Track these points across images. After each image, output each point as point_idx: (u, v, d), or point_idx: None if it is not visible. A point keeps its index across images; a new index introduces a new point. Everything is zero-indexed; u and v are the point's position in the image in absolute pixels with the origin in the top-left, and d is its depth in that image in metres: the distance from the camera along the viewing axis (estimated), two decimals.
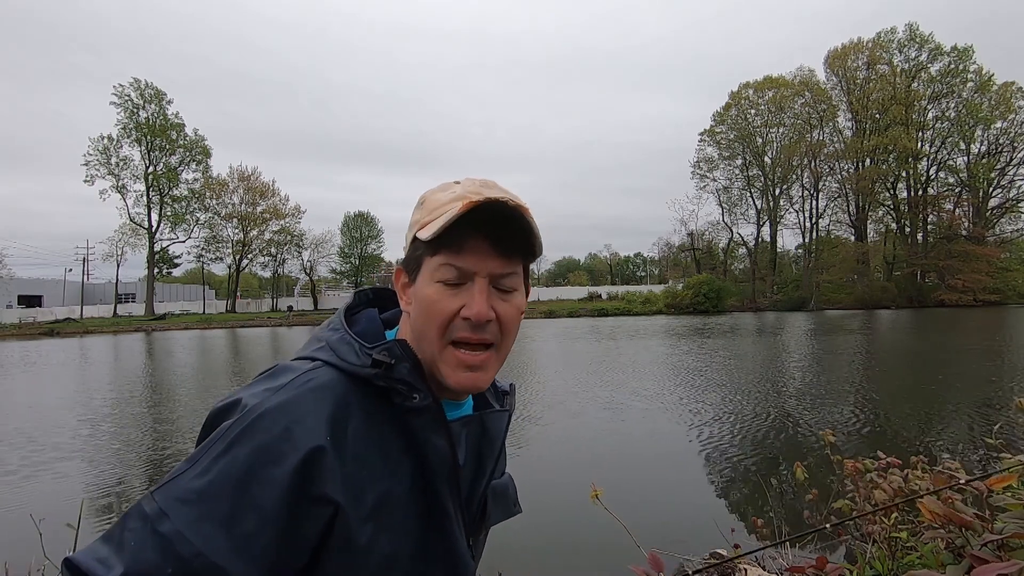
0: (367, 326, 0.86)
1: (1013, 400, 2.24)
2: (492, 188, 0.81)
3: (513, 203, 0.75)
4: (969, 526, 1.40)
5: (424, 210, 0.81)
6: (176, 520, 0.63)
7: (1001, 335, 20.69)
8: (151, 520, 0.64)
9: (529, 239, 0.78)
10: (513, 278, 0.80)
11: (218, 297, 71.13)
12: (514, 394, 0.98)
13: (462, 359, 0.77)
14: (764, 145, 63.84)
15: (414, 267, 0.81)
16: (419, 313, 0.79)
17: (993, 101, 55.53)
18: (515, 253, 0.79)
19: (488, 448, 0.88)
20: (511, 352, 0.84)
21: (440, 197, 0.80)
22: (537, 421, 8.60)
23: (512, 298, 0.80)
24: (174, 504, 0.64)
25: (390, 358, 0.76)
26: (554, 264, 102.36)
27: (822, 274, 57.60)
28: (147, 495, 0.67)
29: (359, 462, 0.71)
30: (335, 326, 0.83)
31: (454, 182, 0.84)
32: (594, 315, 49.61)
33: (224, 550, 0.63)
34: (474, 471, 0.86)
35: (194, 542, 0.63)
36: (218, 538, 0.63)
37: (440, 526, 0.79)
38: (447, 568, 0.80)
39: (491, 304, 0.78)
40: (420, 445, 0.77)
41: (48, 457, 7.42)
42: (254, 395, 0.71)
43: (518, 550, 4.15)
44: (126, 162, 57.11)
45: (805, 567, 1.78)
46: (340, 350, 0.78)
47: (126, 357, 23.03)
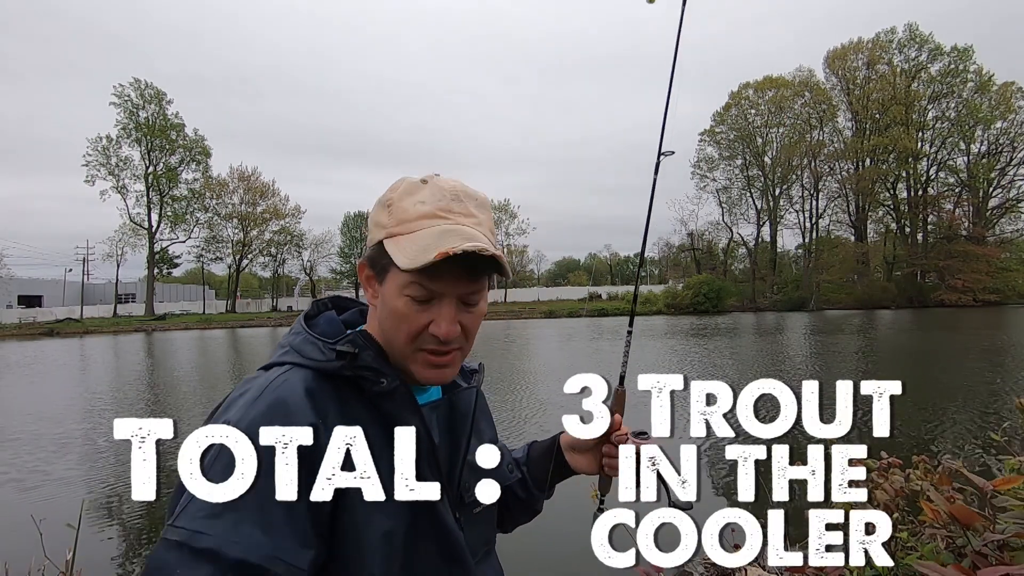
0: (327, 327, 0.88)
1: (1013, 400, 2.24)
2: (462, 202, 0.82)
3: (487, 254, 0.76)
4: (974, 521, 1.40)
5: (391, 216, 0.82)
6: (214, 532, 0.65)
7: (1001, 335, 20.68)
8: (186, 545, 0.65)
9: (499, 268, 0.80)
10: (479, 292, 0.83)
11: (218, 297, 71.12)
12: (482, 372, 1.01)
13: (430, 360, 0.82)
14: (764, 145, 63.81)
15: (381, 269, 0.83)
16: (387, 317, 0.82)
17: (993, 101, 55.47)
18: (484, 275, 0.82)
19: (461, 426, 0.92)
20: (513, 355, 0.85)
21: (407, 207, 0.81)
22: (533, 422, 8.60)
23: (477, 308, 0.84)
24: (203, 521, 0.66)
25: (353, 348, 0.79)
26: (554, 264, 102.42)
27: (822, 274, 57.56)
28: (168, 528, 0.68)
29: None
30: (296, 331, 0.86)
31: (421, 181, 0.84)
32: (594, 315, 49.61)
33: (267, 543, 0.66)
34: (449, 449, 0.90)
35: (239, 543, 0.65)
36: (256, 534, 0.66)
37: (425, 503, 0.81)
38: (439, 542, 0.83)
39: (458, 319, 0.81)
40: (395, 426, 0.79)
41: (48, 457, 7.42)
42: (236, 414, 0.73)
43: (518, 551, 4.15)
44: (126, 162, 57.10)
45: (805, 567, 1.78)
46: (304, 350, 0.81)
47: (126, 358, 23.03)
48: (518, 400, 10.33)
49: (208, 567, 0.64)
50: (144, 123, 56.74)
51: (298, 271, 67.36)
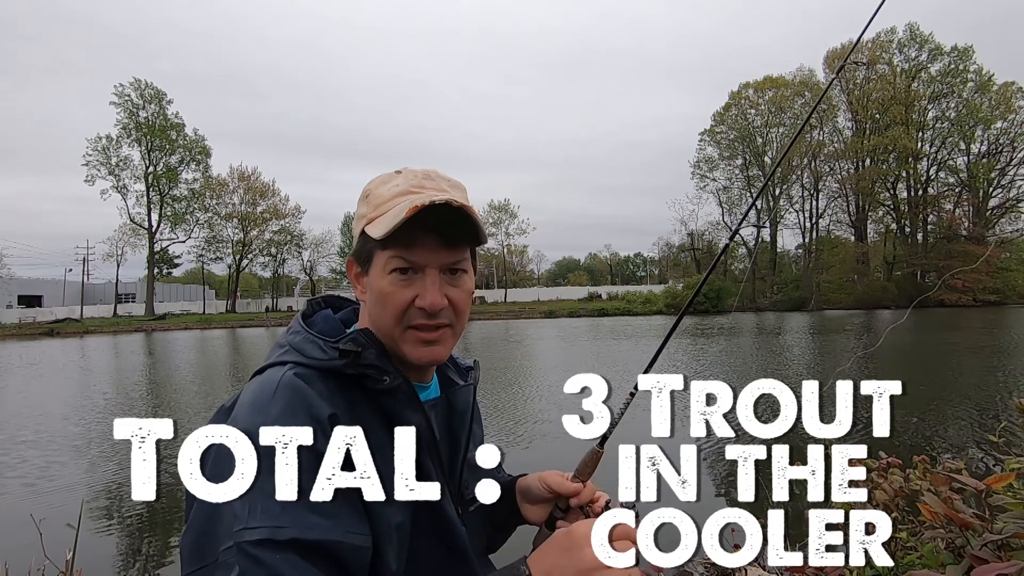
0: (325, 325, 0.89)
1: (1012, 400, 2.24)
2: (434, 180, 0.84)
3: (456, 204, 0.77)
4: (969, 526, 1.40)
5: (369, 204, 0.84)
6: (291, 524, 0.66)
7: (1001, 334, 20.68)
8: (271, 540, 0.65)
9: (475, 231, 0.82)
10: (462, 263, 0.84)
11: (218, 297, 71.09)
12: (478, 369, 1.02)
13: (420, 336, 0.82)
14: (764, 145, 63.80)
15: (365, 259, 0.84)
16: (375, 303, 0.83)
17: (993, 101, 55.44)
18: (462, 243, 0.83)
19: (459, 423, 0.94)
20: (515, 355, 0.85)
21: (383, 192, 0.83)
22: (533, 422, 8.59)
23: (462, 282, 0.84)
24: (278, 516, 0.66)
25: (356, 346, 0.79)
26: (554, 264, 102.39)
27: (822, 274, 57.55)
28: (242, 531, 0.66)
29: None
30: (295, 329, 0.86)
31: (395, 172, 0.87)
32: (594, 315, 49.58)
33: (335, 524, 0.69)
34: (450, 446, 0.91)
35: (314, 528, 0.67)
36: (323, 519, 0.68)
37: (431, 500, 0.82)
38: (443, 537, 0.84)
39: (443, 292, 0.81)
40: (398, 423, 0.79)
41: (48, 457, 7.42)
42: (244, 421, 0.71)
43: (519, 550, 4.15)
44: (126, 162, 57.16)
45: (805, 567, 1.79)
46: (305, 349, 0.81)
47: (126, 357, 23.02)
48: (519, 400, 10.33)
49: (293, 553, 0.66)
50: (144, 123, 56.76)
51: (298, 271, 67.41)
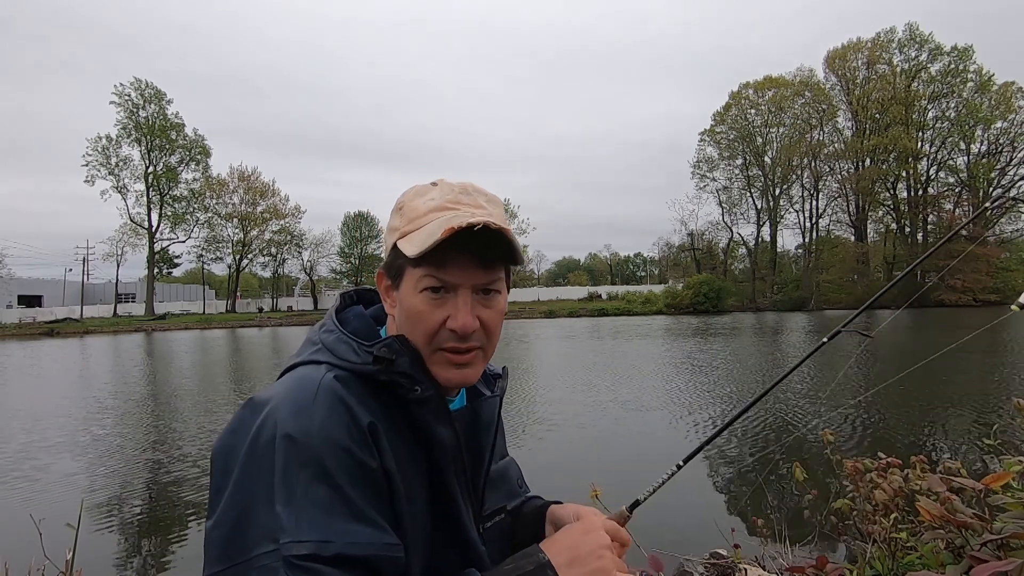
0: (358, 324, 0.87)
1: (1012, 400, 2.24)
2: (471, 195, 0.82)
3: (495, 227, 0.75)
4: (966, 527, 1.40)
5: (403, 218, 0.82)
6: (335, 538, 0.66)
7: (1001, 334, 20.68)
8: (317, 555, 0.65)
9: (511, 251, 0.79)
10: (496, 283, 0.81)
11: (218, 297, 71.11)
12: (506, 377, 0.98)
13: (451, 359, 0.79)
14: (764, 145, 63.79)
15: (396, 273, 0.82)
16: (405, 320, 0.80)
17: (993, 101, 55.43)
18: (497, 263, 0.80)
19: (485, 435, 0.91)
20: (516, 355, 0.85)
21: (418, 206, 0.81)
22: (539, 421, 8.60)
23: (495, 303, 0.82)
24: (322, 530, 0.66)
25: (391, 353, 0.77)
26: (554, 264, 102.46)
27: (822, 274, 57.56)
28: (288, 545, 0.65)
29: (392, 446, 0.75)
30: (328, 328, 0.84)
31: (431, 184, 0.84)
32: (594, 315, 49.58)
33: (376, 535, 0.69)
34: (474, 459, 0.89)
35: (357, 542, 0.67)
36: (365, 529, 0.68)
37: (450, 512, 0.81)
38: (461, 552, 0.82)
39: (475, 313, 0.79)
40: (426, 435, 0.79)
41: (48, 457, 7.42)
42: (288, 424, 0.70)
43: None
44: (126, 162, 57.21)
45: (805, 567, 1.79)
46: (338, 350, 0.79)
47: (126, 358, 23.03)
48: (521, 395, 10.34)
49: (337, 568, 0.65)
50: (144, 123, 56.79)
51: (298, 271, 67.40)
